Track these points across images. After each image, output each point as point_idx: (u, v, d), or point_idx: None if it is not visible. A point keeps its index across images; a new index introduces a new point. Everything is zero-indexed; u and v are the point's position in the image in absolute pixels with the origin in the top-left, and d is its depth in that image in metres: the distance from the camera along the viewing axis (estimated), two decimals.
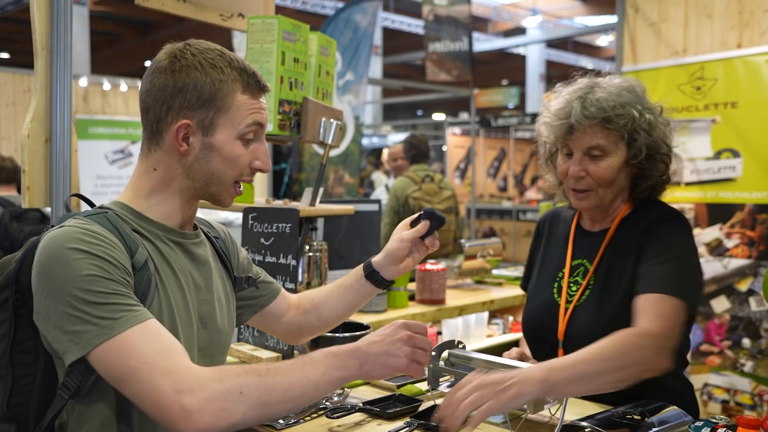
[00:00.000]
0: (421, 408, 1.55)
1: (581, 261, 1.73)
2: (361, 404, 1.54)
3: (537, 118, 1.76)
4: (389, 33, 15.11)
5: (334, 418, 1.48)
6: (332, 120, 2.18)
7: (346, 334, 1.98)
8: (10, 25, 12.36)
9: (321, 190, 2.21)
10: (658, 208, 1.67)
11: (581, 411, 1.51)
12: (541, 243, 1.89)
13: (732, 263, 3.54)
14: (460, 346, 1.61)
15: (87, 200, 1.32)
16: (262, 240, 2.07)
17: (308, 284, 2.18)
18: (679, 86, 3.73)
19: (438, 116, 17.95)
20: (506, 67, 18.72)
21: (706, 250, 3.62)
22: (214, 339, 1.32)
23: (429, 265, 2.90)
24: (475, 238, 6.40)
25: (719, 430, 1.25)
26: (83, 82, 7.22)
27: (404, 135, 10.42)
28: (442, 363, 1.56)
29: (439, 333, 2.80)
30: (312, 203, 2.17)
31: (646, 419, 1.37)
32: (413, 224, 1.53)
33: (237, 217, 4.39)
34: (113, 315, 1.06)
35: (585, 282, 1.68)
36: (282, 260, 2.02)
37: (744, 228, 3.50)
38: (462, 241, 3.38)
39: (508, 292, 3.24)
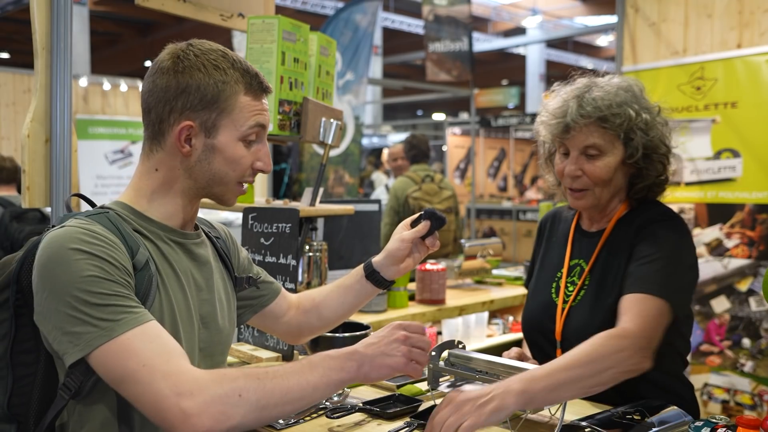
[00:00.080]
0: (421, 408, 1.55)
1: (578, 261, 1.73)
2: (361, 404, 1.54)
3: (536, 118, 1.76)
4: (389, 33, 15.11)
5: (334, 418, 1.48)
6: (332, 120, 2.18)
7: (346, 335, 1.98)
8: (10, 25, 12.36)
9: (321, 190, 2.21)
10: (653, 208, 1.66)
11: (581, 411, 1.51)
12: (542, 243, 1.89)
13: (732, 263, 3.54)
14: (460, 346, 1.61)
15: (88, 200, 1.32)
16: (262, 240, 2.07)
17: (308, 284, 2.18)
18: (679, 86, 3.73)
19: (438, 116, 17.95)
20: (506, 67, 18.73)
21: (706, 250, 3.62)
22: (215, 339, 1.32)
23: (429, 265, 2.90)
24: (475, 238, 6.40)
25: (719, 430, 1.25)
26: (83, 82, 7.22)
27: (404, 135, 10.43)
28: (442, 363, 1.56)
29: (439, 333, 2.80)
30: (312, 203, 2.17)
31: (646, 419, 1.37)
32: (414, 224, 1.53)
33: (237, 217, 4.39)
34: (113, 317, 1.06)
35: (580, 282, 1.68)
36: (282, 260, 2.02)
37: (744, 228, 3.50)
38: (462, 241, 3.38)
39: (508, 292, 3.24)
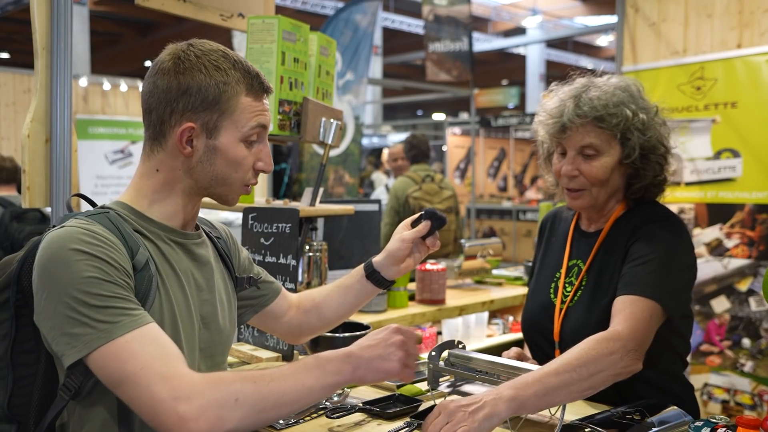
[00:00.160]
0: (421, 408, 1.55)
1: (576, 261, 1.73)
2: (361, 404, 1.54)
3: (535, 118, 1.76)
4: (389, 33, 15.11)
5: (334, 418, 1.48)
6: (332, 120, 2.18)
7: (346, 334, 1.98)
8: (10, 25, 12.37)
9: (321, 190, 2.21)
10: (650, 208, 1.66)
11: (581, 411, 1.51)
12: (543, 242, 1.89)
13: (732, 263, 3.54)
14: (460, 346, 1.61)
15: (88, 200, 1.32)
16: (262, 240, 2.07)
17: (308, 284, 2.18)
18: (679, 86, 3.73)
19: (438, 116, 17.94)
20: (506, 67, 18.73)
21: (706, 250, 3.62)
22: (216, 339, 1.32)
23: (429, 265, 2.90)
24: (475, 238, 6.40)
25: (719, 430, 1.25)
26: (83, 82, 7.22)
27: (404, 135, 10.43)
28: (442, 363, 1.56)
29: (439, 333, 2.80)
30: (312, 203, 2.17)
31: (646, 419, 1.37)
32: (414, 224, 1.52)
33: (237, 217, 4.39)
34: (112, 318, 1.05)
35: (578, 282, 1.68)
36: (282, 260, 2.02)
37: (744, 228, 3.50)
38: (462, 241, 3.38)
39: (508, 292, 3.24)
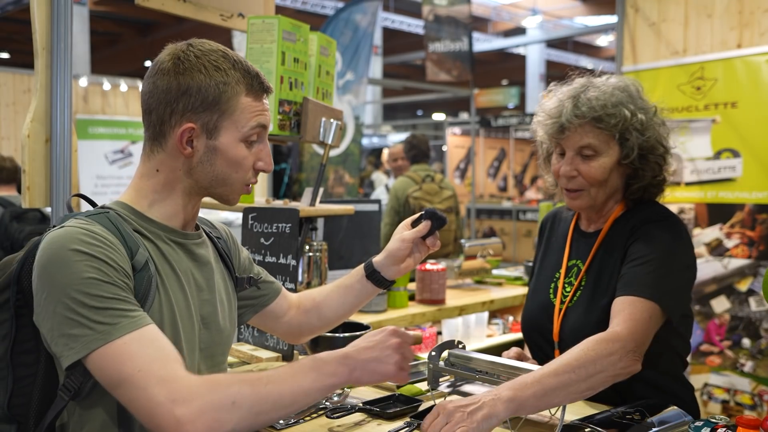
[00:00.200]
0: (421, 408, 1.55)
1: (576, 261, 1.73)
2: (361, 404, 1.54)
3: (534, 118, 1.76)
4: (389, 33, 15.11)
5: (334, 418, 1.48)
6: (332, 120, 2.18)
7: (346, 334, 1.98)
8: (10, 25, 12.37)
9: (321, 190, 2.21)
10: (649, 208, 1.66)
11: (581, 411, 1.51)
12: (543, 243, 1.89)
13: (732, 263, 3.54)
14: (460, 346, 1.61)
15: (89, 200, 1.32)
16: (262, 240, 2.07)
17: (308, 284, 2.18)
18: (679, 86, 3.73)
19: (438, 116, 17.94)
20: (506, 67, 18.73)
21: (706, 250, 3.62)
22: (216, 339, 1.32)
23: (429, 265, 2.90)
24: (475, 238, 6.40)
25: (719, 430, 1.25)
26: (83, 82, 7.22)
27: (404, 135, 10.42)
28: (442, 363, 1.56)
29: (439, 333, 2.80)
30: (312, 203, 2.17)
31: (646, 419, 1.37)
32: (414, 224, 1.52)
33: (237, 217, 4.39)
34: (111, 320, 1.05)
35: (577, 282, 1.68)
36: (282, 260, 2.02)
37: (744, 228, 3.50)
38: (462, 241, 3.38)
39: (508, 292, 3.24)
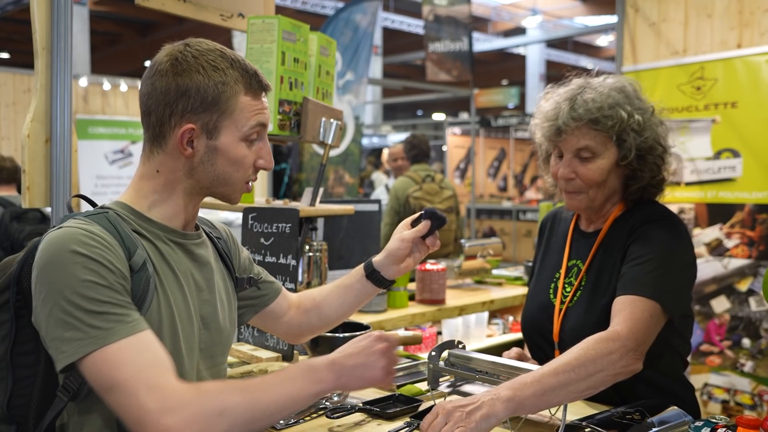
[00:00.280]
0: (421, 408, 1.55)
1: (576, 261, 1.73)
2: (361, 404, 1.54)
3: (532, 119, 1.76)
4: (389, 33, 15.11)
5: (334, 418, 1.48)
6: (332, 120, 2.18)
7: (346, 334, 1.98)
8: (10, 25, 12.36)
9: (321, 190, 2.21)
10: (649, 208, 1.66)
11: (581, 411, 1.51)
12: (543, 243, 1.89)
13: (732, 263, 3.54)
14: (460, 346, 1.61)
15: (89, 200, 1.31)
16: (262, 240, 2.07)
17: (308, 284, 2.18)
18: (679, 86, 3.73)
19: (438, 116, 17.94)
20: (506, 67, 18.72)
21: (706, 250, 3.62)
22: (216, 340, 1.32)
23: (429, 265, 2.90)
24: (475, 238, 6.40)
25: (719, 430, 1.25)
26: (83, 82, 7.22)
27: (404, 135, 10.42)
28: (442, 363, 1.56)
29: (439, 333, 2.80)
30: (312, 203, 2.17)
31: (646, 419, 1.37)
32: (414, 224, 1.52)
33: (237, 217, 4.39)
34: (105, 325, 1.05)
35: (577, 282, 1.68)
36: (282, 260, 2.02)
37: (744, 228, 3.50)
38: (462, 241, 3.38)
39: (508, 292, 3.24)
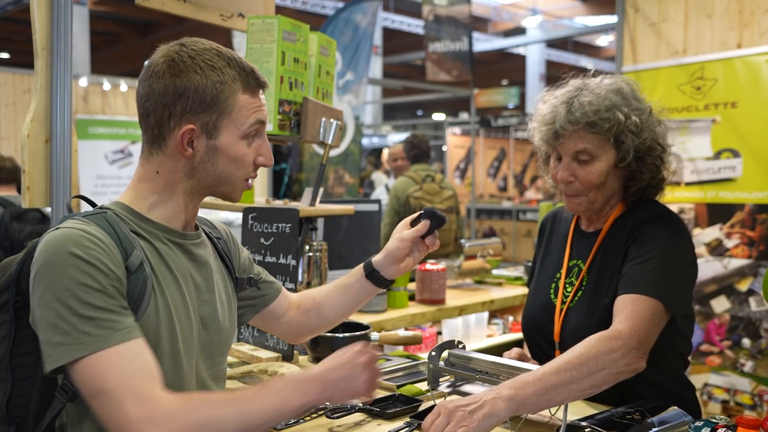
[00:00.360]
0: (421, 408, 1.55)
1: (576, 261, 1.73)
2: (361, 404, 1.54)
3: (529, 122, 1.76)
4: (389, 33, 15.11)
5: (334, 418, 1.48)
6: (332, 120, 2.18)
7: (346, 334, 1.98)
8: (10, 25, 12.36)
9: (321, 190, 2.21)
10: (649, 208, 1.66)
11: (581, 411, 1.51)
12: (543, 243, 1.89)
13: (732, 263, 3.54)
14: (460, 346, 1.61)
15: (89, 201, 1.31)
16: (262, 240, 2.07)
17: (308, 284, 2.18)
18: (679, 86, 3.73)
19: (438, 116, 17.93)
20: (506, 67, 18.72)
21: (706, 250, 3.62)
22: (215, 340, 1.31)
23: (429, 265, 2.90)
24: (475, 238, 6.40)
25: (719, 430, 1.25)
26: (83, 82, 7.21)
27: (404, 135, 10.42)
28: (442, 363, 1.56)
29: (439, 333, 2.80)
30: (312, 203, 2.17)
31: (646, 419, 1.37)
32: (413, 223, 1.52)
33: (237, 217, 4.39)
34: (95, 331, 1.05)
35: (578, 282, 1.68)
36: (282, 260, 2.02)
37: (744, 228, 3.50)
38: (462, 241, 3.38)
39: (508, 292, 3.24)
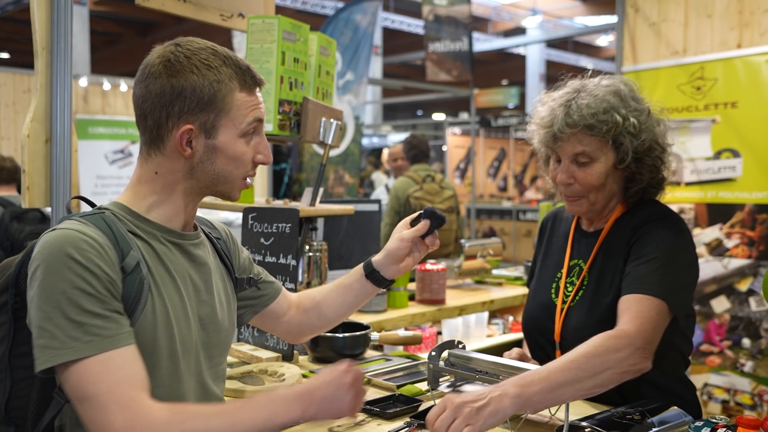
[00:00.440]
0: (421, 408, 1.55)
1: (577, 261, 1.73)
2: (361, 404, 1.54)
3: (528, 124, 1.75)
4: (389, 33, 15.10)
5: None
6: (332, 120, 2.18)
7: (346, 334, 1.98)
8: (10, 25, 12.36)
9: (321, 190, 2.21)
10: (650, 208, 1.66)
11: (581, 411, 1.51)
12: (543, 243, 1.89)
13: (732, 263, 3.54)
14: (460, 346, 1.61)
15: (89, 202, 1.31)
16: (262, 240, 2.07)
17: (308, 284, 2.18)
18: (679, 86, 3.73)
19: (438, 116, 17.93)
20: (506, 67, 18.72)
21: (706, 250, 3.62)
22: (214, 340, 1.31)
23: (429, 265, 2.90)
24: (475, 238, 6.40)
25: (719, 430, 1.25)
26: (83, 82, 7.21)
27: (404, 135, 10.42)
28: (442, 363, 1.56)
29: (439, 333, 2.80)
30: (312, 203, 2.17)
31: (646, 419, 1.37)
32: (413, 223, 1.52)
33: (237, 217, 4.39)
34: (83, 337, 1.05)
35: (579, 282, 1.68)
36: (282, 260, 2.02)
37: (744, 228, 3.50)
38: (462, 241, 3.38)
39: (508, 292, 3.24)
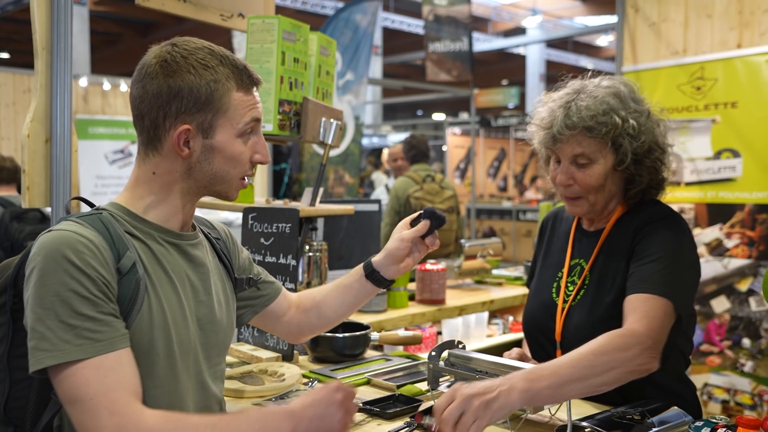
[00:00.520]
0: (421, 408, 1.54)
1: (578, 261, 1.73)
2: (361, 404, 1.54)
3: (529, 125, 1.76)
4: (389, 33, 15.10)
5: None
6: (332, 120, 2.18)
7: (346, 335, 1.98)
8: (10, 25, 12.35)
9: (321, 190, 2.21)
10: (651, 208, 1.66)
11: (581, 411, 1.51)
12: (543, 243, 1.89)
13: (732, 263, 3.54)
14: (460, 346, 1.61)
15: (88, 202, 1.31)
16: (262, 240, 2.07)
17: (308, 284, 2.18)
18: (679, 86, 3.73)
19: (438, 116, 17.93)
20: (506, 67, 18.72)
21: (706, 250, 3.62)
22: (212, 341, 1.31)
23: (429, 265, 2.90)
24: (475, 238, 6.40)
25: (719, 430, 1.25)
26: (83, 82, 7.21)
27: (404, 135, 10.41)
28: (442, 363, 1.56)
29: (439, 333, 2.80)
30: (312, 203, 2.17)
31: (646, 419, 1.37)
32: (413, 223, 1.52)
33: (237, 217, 4.39)
34: (75, 340, 1.05)
35: (580, 282, 1.68)
36: (282, 260, 2.02)
37: (744, 228, 3.50)
38: (462, 241, 3.38)
39: (508, 292, 3.24)
